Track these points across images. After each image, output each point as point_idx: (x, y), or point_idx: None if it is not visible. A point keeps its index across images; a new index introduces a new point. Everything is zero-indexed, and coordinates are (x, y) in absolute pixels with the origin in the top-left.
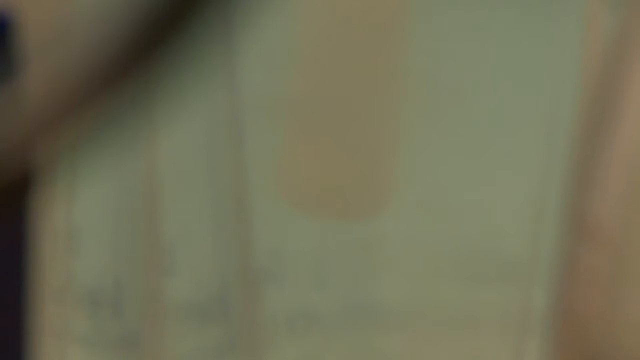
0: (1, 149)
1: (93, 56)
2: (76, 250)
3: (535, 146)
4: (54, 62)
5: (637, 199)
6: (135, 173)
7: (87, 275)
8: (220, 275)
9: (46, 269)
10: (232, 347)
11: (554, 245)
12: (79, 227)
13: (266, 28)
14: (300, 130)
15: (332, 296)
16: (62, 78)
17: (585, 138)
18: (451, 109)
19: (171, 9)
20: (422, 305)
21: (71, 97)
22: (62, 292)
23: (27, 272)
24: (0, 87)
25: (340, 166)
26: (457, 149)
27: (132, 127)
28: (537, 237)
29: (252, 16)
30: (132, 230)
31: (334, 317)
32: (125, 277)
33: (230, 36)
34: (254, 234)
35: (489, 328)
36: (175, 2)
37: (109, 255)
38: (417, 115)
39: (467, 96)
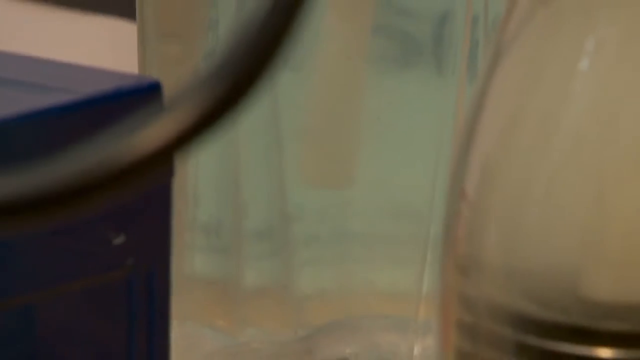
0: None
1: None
2: None
3: (430, 143)
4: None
5: (486, 181)
6: None
7: None
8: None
9: None
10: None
11: (444, 205)
12: None
13: None
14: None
15: None
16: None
17: (460, 145)
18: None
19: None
20: None
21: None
22: None
23: None
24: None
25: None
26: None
27: None
28: (433, 197)
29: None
30: None
31: None
32: None
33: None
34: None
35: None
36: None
37: None
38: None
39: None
